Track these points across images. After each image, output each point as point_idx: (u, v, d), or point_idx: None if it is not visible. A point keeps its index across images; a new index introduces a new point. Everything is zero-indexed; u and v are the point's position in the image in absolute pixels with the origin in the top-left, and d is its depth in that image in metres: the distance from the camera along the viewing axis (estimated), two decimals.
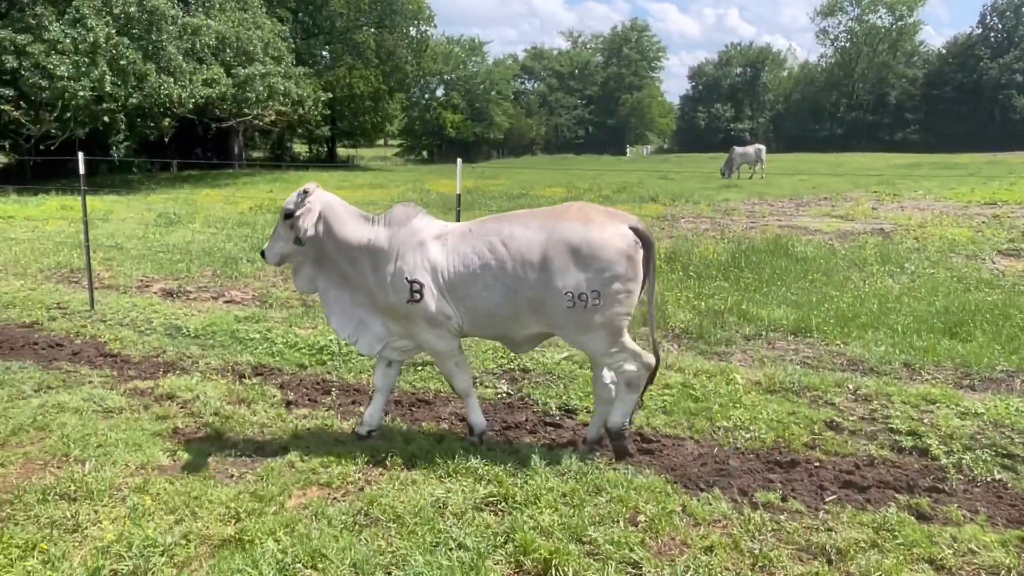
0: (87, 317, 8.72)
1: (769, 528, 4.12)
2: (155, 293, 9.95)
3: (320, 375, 6.87)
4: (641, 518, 4.18)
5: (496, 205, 19.92)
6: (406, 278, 4.84)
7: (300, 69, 34.03)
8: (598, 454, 5.06)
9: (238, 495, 4.51)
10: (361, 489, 4.68)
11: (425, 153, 72.81)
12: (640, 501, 4.33)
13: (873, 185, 24.41)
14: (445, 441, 5.31)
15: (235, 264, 11.37)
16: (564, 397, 6.21)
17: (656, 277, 5.56)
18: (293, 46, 36.45)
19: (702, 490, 4.59)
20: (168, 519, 4.26)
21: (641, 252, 4.67)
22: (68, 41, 24.21)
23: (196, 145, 43.31)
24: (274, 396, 6.25)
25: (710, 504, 4.36)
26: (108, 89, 24.60)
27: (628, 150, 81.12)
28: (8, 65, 24.08)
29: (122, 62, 24.96)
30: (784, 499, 4.48)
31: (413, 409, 6.12)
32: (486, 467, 4.77)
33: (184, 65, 26.72)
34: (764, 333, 8.00)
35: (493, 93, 71.51)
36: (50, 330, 8.35)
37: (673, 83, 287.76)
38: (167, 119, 29.06)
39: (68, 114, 26.18)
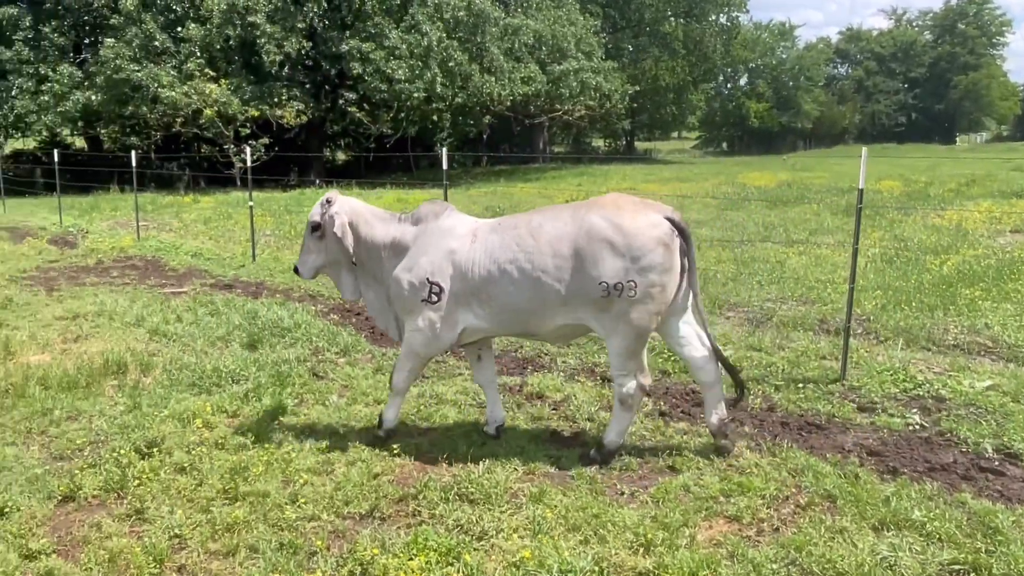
0: None
1: None
2: None
3: (687, 384, 6.36)
4: None
5: (827, 200, 18.24)
6: (427, 278, 4.81)
7: (608, 63, 34.21)
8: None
9: (641, 520, 4.11)
10: (776, 530, 4.07)
11: (725, 145, 70.34)
12: None
13: None
14: (862, 481, 4.52)
15: None
16: (1001, 436, 5.09)
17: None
18: (602, 41, 36.78)
19: None
20: (573, 538, 3.97)
21: (678, 241, 4.53)
22: (404, 47, 26.39)
23: (504, 141, 45.54)
24: (645, 405, 5.85)
25: None
26: (438, 90, 26.43)
27: (959, 138, 71.86)
28: (355, 71, 26.81)
29: (450, 64, 26.67)
30: None
31: (804, 434, 5.38)
32: (932, 522, 3.93)
33: (504, 64, 27.94)
34: None
35: (802, 79, 67.06)
36: None
37: (1017, 61, 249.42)
38: (487, 116, 30.65)
39: (402, 114, 28.63)
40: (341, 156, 40.66)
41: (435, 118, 27.86)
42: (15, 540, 4.07)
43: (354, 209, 5.09)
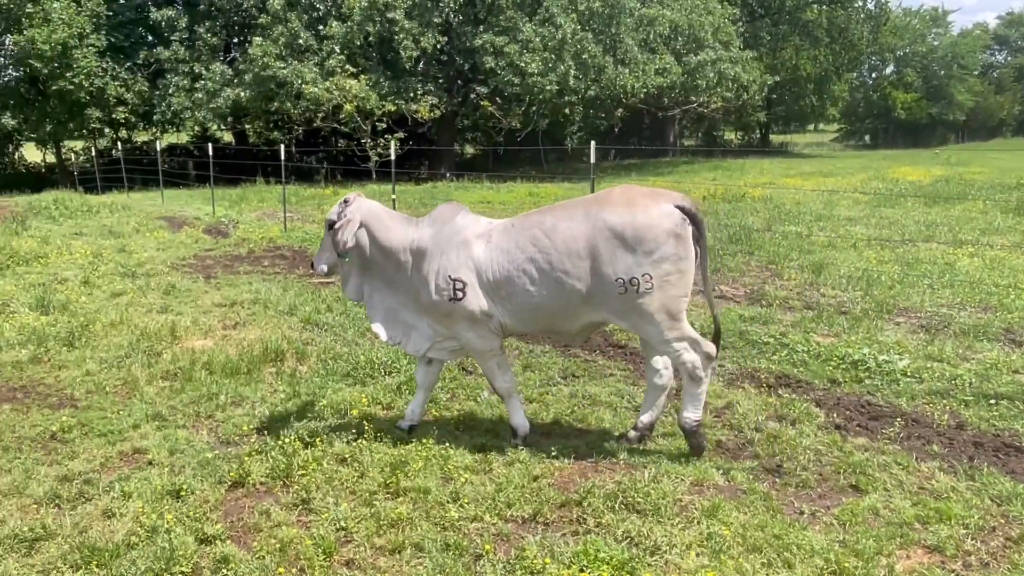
0: None
1: None
2: None
3: (860, 395, 5.90)
4: None
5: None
6: (449, 276, 4.81)
7: (747, 53, 32.95)
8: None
9: (830, 545, 3.77)
10: (986, 565, 3.65)
11: (867, 137, 66.60)
12: None
13: None
14: None
15: (717, 256, 10.86)
16: None
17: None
18: (740, 30, 35.49)
19: None
20: (755, 560, 3.69)
21: (690, 229, 4.52)
22: (538, 40, 26.29)
23: (633, 135, 44.83)
24: (817, 416, 5.45)
25: None
26: (571, 83, 26.21)
27: None
28: (487, 65, 26.95)
29: (584, 56, 26.39)
30: None
31: (1002, 457, 4.85)
32: None
33: (639, 56, 27.41)
34: None
35: (955, 68, 62.54)
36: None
37: None
38: (619, 110, 30.19)
39: (534, 108, 28.59)
40: (469, 150, 41.17)
41: (567, 111, 27.63)
42: (192, 524, 4.16)
43: (371, 211, 5.07)
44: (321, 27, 28.96)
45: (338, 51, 27.43)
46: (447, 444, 5.04)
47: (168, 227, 16.72)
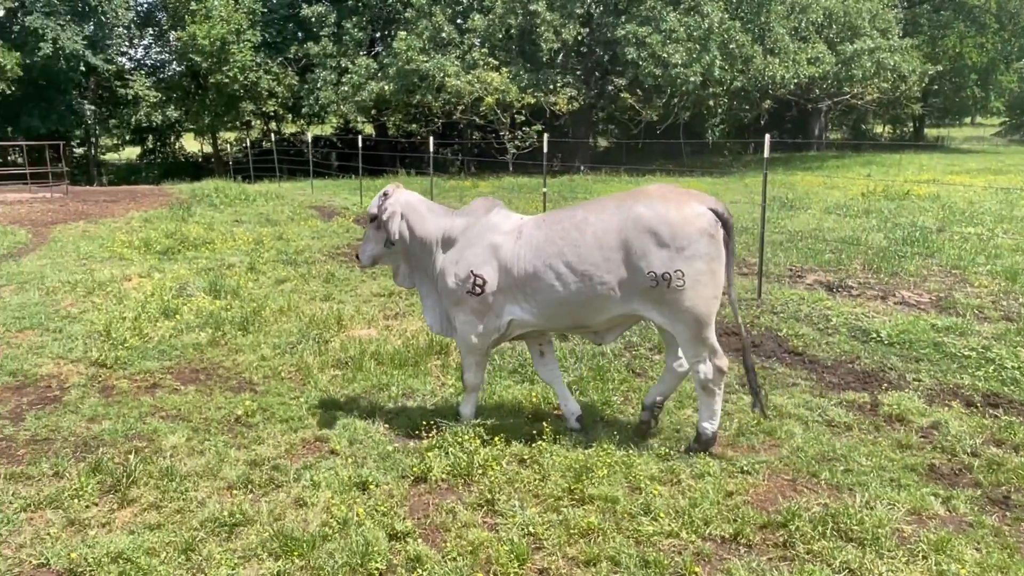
0: (756, 306, 8.38)
1: None
2: (811, 285, 9.27)
3: None
4: None
5: None
6: (472, 270, 4.89)
7: (906, 41, 30.87)
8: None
9: None
10: None
11: None
12: None
13: None
14: None
15: (894, 259, 10.11)
16: None
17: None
18: (899, 16, 33.31)
19: None
20: None
21: (721, 232, 4.54)
22: (682, 29, 25.55)
23: (775, 127, 43.03)
24: None
25: None
26: (716, 74, 25.35)
27: None
28: (628, 56, 26.44)
29: (731, 46, 25.45)
30: None
31: None
32: None
33: (790, 45, 26.18)
34: None
35: None
36: (721, 316, 8.21)
37: None
38: (766, 101, 28.98)
39: (675, 100, 27.85)
40: (603, 142, 40.70)
41: (710, 103, 26.73)
42: (381, 519, 4.13)
43: (409, 203, 5.23)
44: (462, 21, 29.30)
45: (479, 44, 27.66)
46: (629, 450, 4.82)
47: (319, 216, 17.31)
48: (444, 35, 28.05)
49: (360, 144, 20.07)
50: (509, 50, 28.58)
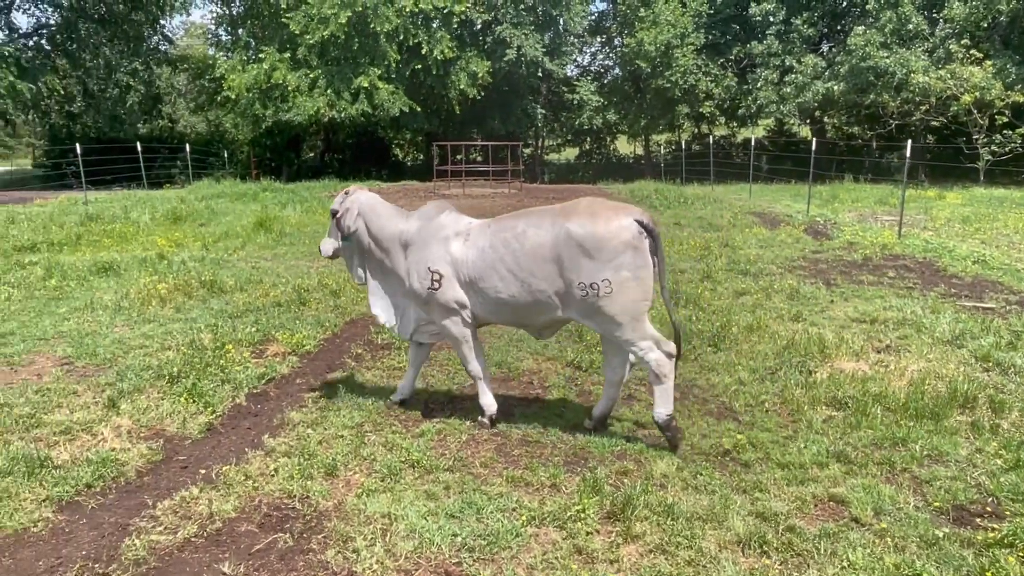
0: None
1: None
2: None
3: None
4: None
5: None
6: (428, 267, 5.21)
7: None
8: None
9: None
10: None
11: None
12: None
13: None
14: None
15: None
16: None
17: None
18: None
19: None
20: None
21: (647, 242, 4.75)
22: None
23: None
24: None
25: None
26: None
27: None
28: None
29: None
30: None
31: None
32: None
33: None
34: None
35: None
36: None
37: None
38: None
39: None
40: None
41: None
42: None
43: (368, 203, 5.55)
44: (934, 11, 25.86)
45: (953, 35, 24.10)
46: None
47: (762, 223, 16.33)
48: (911, 27, 25.00)
49: (813, 147, 18.55)
50: (992, 41, 24.49)
